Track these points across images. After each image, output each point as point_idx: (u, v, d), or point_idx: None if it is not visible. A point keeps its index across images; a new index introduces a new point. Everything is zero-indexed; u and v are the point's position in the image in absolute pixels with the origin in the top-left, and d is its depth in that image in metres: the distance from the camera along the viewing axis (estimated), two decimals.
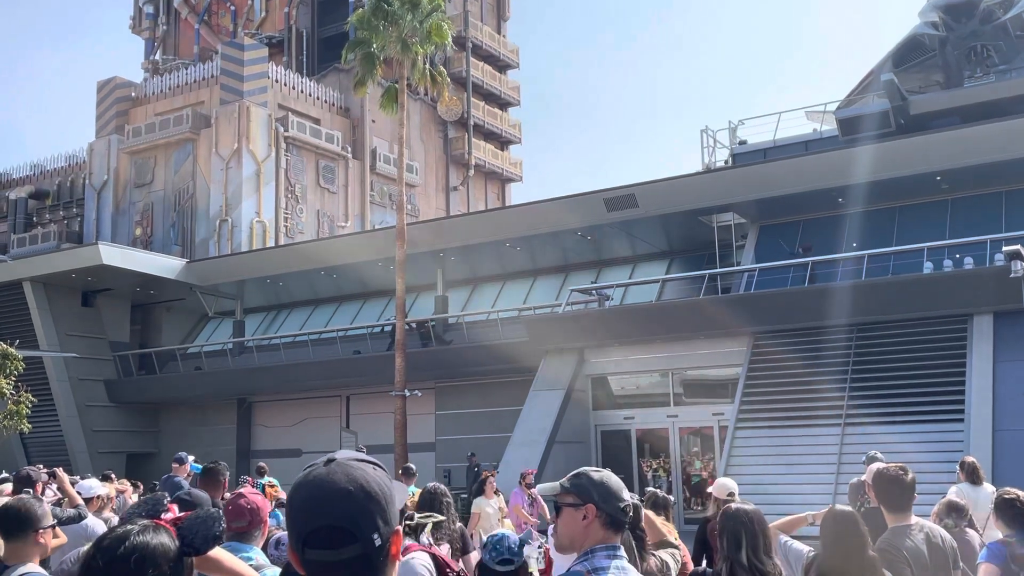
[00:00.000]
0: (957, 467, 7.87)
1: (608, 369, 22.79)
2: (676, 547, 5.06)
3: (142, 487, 14.54)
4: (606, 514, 2.93)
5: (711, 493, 7.62)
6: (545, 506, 12.81)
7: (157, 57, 47.07)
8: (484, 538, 4.59)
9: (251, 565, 3.97)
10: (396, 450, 23.59)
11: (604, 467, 3.20)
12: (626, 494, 3.00)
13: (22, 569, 3.81)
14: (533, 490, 12.47)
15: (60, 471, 10.45)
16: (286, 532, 4.72)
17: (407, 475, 12.76)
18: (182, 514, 2.02)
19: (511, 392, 23.94)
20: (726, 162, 28.16)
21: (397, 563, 1.66)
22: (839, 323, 19.10)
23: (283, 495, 11.57)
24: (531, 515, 12.96)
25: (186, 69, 43.29)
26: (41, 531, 3.99)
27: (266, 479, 14.23)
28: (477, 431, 25.09)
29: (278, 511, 7.60)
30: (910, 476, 4.56)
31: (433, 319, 27.66)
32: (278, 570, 4.02)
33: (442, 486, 6.59)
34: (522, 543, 4.42)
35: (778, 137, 27.03)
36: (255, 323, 32.62)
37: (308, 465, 1.73)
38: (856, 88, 25.22)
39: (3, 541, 4.09)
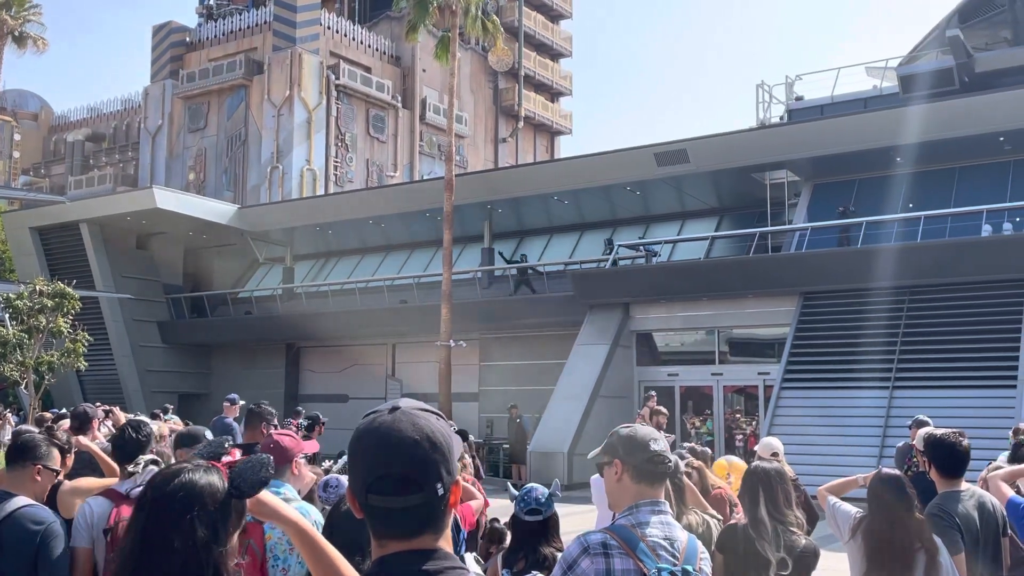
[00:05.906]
0: (1010, 433, 7.74)
1: (654, 325, 22.71)
2: (718, 519, 5.10)
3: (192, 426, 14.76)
4: (633, 467, 2.96)
5: (756, 452, 7.60)
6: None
7: (211, 2, 47.18)
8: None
9: (281, 499, 4.05)
10: (440, 399, 23.88)
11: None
12: (656, 445, 3.00)
13: (20, 501, 3.71)
14: None
15: (117, 409, 10.81)
16: (334, 475, 4.78)
17: None
18: (239, 458, 2.06)
19: (555, 345, 24.02)
20: (781, 118, 27.62)
21: (454, 511, 1.69)
22: (891, 285, 18.78)
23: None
24: None
25: (239, 15, 43.39)
26: (41, 468, 3.91)
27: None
28: (520, 383, 25.23)
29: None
30: (965, 443, 4.56)
31: (479, 270, 27.74)
32: (308, 506, 4.09)
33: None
34: (550, 495, 4.48)
35: (836, 93, 26.41)
36: (304, 270, 33.00)
37: (371, 411, 1.75)
38: (919, 44, 24.47)
39: (5, 469, 4.12)
